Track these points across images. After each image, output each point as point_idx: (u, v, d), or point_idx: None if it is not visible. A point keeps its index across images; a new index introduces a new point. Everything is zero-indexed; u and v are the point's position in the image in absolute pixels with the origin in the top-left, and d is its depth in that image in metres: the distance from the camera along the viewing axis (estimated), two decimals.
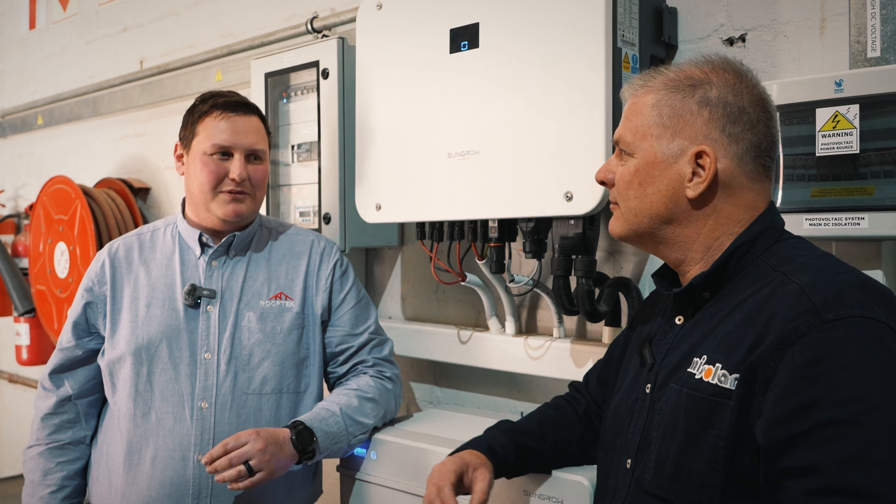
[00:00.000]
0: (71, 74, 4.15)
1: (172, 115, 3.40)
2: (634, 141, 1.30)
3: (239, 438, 1.74)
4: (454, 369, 2.45)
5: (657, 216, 1.29)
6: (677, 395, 1.23)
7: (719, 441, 1.15)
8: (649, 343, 1.37)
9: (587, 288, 1.82)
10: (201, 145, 1.92)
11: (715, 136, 1.24)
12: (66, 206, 3.52)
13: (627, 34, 1.77)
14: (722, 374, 1.17)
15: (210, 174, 1.91)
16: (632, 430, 1.33)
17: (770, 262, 1.23)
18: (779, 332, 1.10)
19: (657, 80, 1.30)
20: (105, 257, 2.02)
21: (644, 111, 1.30)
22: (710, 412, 1.17)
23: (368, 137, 2.18)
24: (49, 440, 1.99)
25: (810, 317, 1.09)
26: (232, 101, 1.95)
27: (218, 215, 1.93)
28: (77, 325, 2.00)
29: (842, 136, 1.52)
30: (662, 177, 1.27)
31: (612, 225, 1.37)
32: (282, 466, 1.79)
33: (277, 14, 3.00)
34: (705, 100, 1.25)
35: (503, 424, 1.60)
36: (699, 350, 1.23)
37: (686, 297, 1.31)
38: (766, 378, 1.10)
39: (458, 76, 1.97)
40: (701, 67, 1.29)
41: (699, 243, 1.29)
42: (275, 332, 1.96)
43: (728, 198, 1.26)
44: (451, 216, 2.01)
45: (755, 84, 1.28)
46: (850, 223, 1.51)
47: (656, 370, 1.32)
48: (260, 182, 1.97)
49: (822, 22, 1.74)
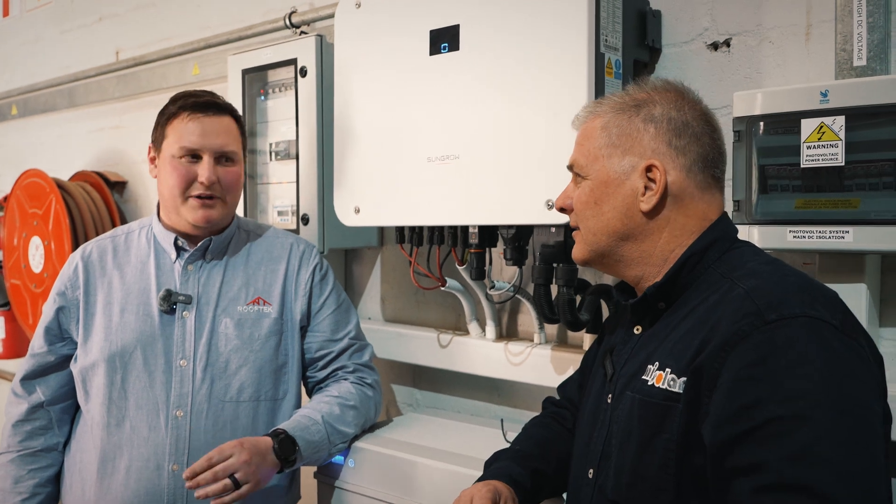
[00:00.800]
0: (46, 64, 4.07)
1: (149, 108, 3.33)
2: (587, 164, 1.35)
3: (223, 451, 1.71)
4: (434, 372, 2.42)
5: (615, 233, 1.32)
6: (631, 402, 1.27)
7: (670, 444, 1.18)
8: (610, 354, 1.40)
9: (568, 297, 1.80)
10: (170, 148, 1.88)
11: (662, 149, 1.29)
12: (41, 200, 3.46)
13: (611, 39, 1.74)
14: (671, 378, 1.20)
15: (179, 178, 1.86)
16: (595, 441, 1.36)
17: (720, 269, 1.26)
18: (723, 334, 1.13)
19: (604, 106, 1.36)
20: (78, 260, 1.98)
21: (594, 134, 1.34)
22: (662, 416, 1.20)
23: (347, 139, 2.14)
24: (20, 447, 1.95)
25: (753, 318, 1.11)
26: (201, 102, 1.90)
27: (188, 220, 1.89)
28: (49, 331, 1.96)
29: (827, 148, 1.50)
30: (617, 194, 1.31)
31: (574, 251, 1.41)
32: (265, 477, 1.77)
33: (255, 7, 2.94)
34: (650, 117, 1.30)
35: (505, 454, 1.57)
36: (653, 357, 1.26)
37: (641, 307, 1.34)
38: (711, 379, 1.13)
39: (438, 79, 1.93)
40: (644, 90, 1.35)
41: (656, 256, 1.32)
42: (252, 338, 1.92)
43: (680, 209, 1.29)
44: (431, 221, 1.98)
45: (697, 101, 1.34)
46: (835, 236, 1.49)
47: (616, 380, 1.35)
48: (231, 185, 1.92)
49: (808, 28, 1.71)
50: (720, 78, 1.83)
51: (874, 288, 1.58)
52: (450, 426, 2.18)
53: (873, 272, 1.58)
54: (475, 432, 2.11)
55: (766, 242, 1.56)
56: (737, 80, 1.81)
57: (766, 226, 1.57)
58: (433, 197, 1.95)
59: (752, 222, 1.59)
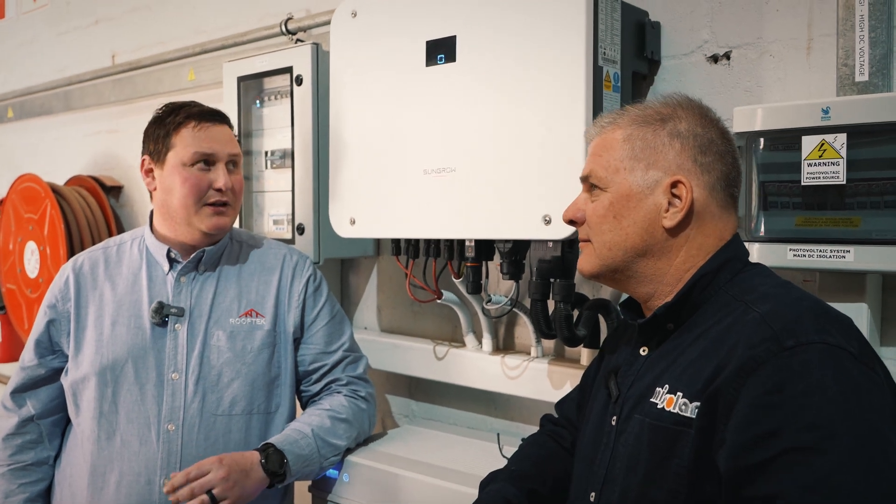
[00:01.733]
0: (42, 66, 4.04)
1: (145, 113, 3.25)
2: (607, 175, 1.30)
3: (202, 467, 1.70)
4: (430, 384, 2.40)
5: (632, 248, 1.29)
6: (640, 425, 1.24)
7: (681, 470, 1.15)
8: (615, 374, 1.37)
9: (565, 313, 1.78)
10: (179, 157, 1.85)
11: (688, 166, 1.26)
12: (36, 205, 3.43)
13: (609, 51, 1.71)
14: (683, 402, 1.17)
15: (192, 187, 1.84)
16: (598, 464, 1.33)
17: (732, 291, 1.23)
18: (739, 360, 1.10)
19: (625, 118, 1.32)
20: (69, 272, 1.96)
21: (615, 146, 1.30)
22: (672, 441, 1.17)
23: (342, 149, 2.12)
24: (11, 461, 1.93)
25: (770, 344, 1.09)
26: (206, 111, 1.91)
27: (201, 229, 1.87)
28: (39, 344, 1.94)
29: (828, 166, 1.47)
30: (638, 208, 1.28)
31: (582, 263, 1.37)
32: (249, 493, 1.75)
33: (251, 13, 2.92)
34: (675, 132, 1.27)
35: (500, 475, 1.55)
36: (662, 380, 1.23)
37: (650, 327, 1.31)
38: (727, 406, 1.10)
39: (434, 90, 1.90)
40: (666, 104, 1.32)
41: (670, 275, 1.29)
42: (245, 350, 1.90)
43: (700, 227, 1.27)
44: (427, 234, 1.96)
45: (718, 119, 1.32)
46: (836, 255, 1.47)
47: (621, 402, 1.31)
48: (240, 192, 1.94)
49: (809, 42, 1.69)
50: (720, 91, 1.80)
51: (875, 307, 1.56)
52: (445, 440, 2.16)
53: (874, 291, 1.56)
54: (471, 446, 2.09)
55: (765, 260, 1.53)
56: (737, 93, 1.78)
57: (766, 243, 1.55)
58: (429, 210, 1.92)
59: (751, 239, 1.56)
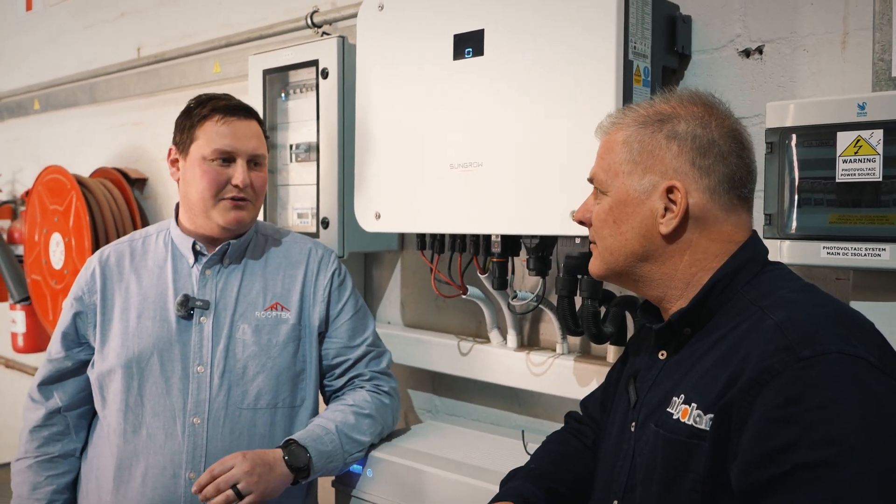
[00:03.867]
0: (68, 59, 4.06)
1: (170, 105, 3.32)
2: (607, 179, 1.29)
3: (225, 463, 1.71)
4: (454, 380, 2.39)
5: (633, 254, 1.27)
6: (654, 436, 1.22)
7: (696, 485, 1.13)
8: (634, 379, 1.35)
9: (593, 309, 1.76)
10: (201, 150, 1.85)
11: (685, 169, 1.23)
12: (62, 196, 3.45)
13: (639, 45, 1.69)
14: (697, 414, 1.15)
15: (211, 181, 1.84)
16: (619, 471, 1.31)
17: (750, 295, 1.20)
18: (753, 370, 1.08)
19: (628, 117, 1.30)
20: (95, 265, 1.96)
21: (615, 148, 1.29)
22: (687, 455, 1.15)
23: (368, 144, 2.11)
24: (38, 453, 1.95)
25: (785, 355, 1.06)
26: (233, 105, 1.90)
27: (219, 223, 1.87)
28: (66, 336, 1.95)
29: (864, 162, 1.44)
30: (636, 214, 1.26)
31: (591, 265, 1.36)
32: (273, 488, 1.75)
33: (277, 6, 2.91)
34: (673, 133, 1.24)
35: (519, 473, 1.53)
36: (678, 388, 1.21)
37: (667, 332, 1.29)
38: (740, 419, 1.08)
39: (462, 84, 1.89)
40: (670, 102, 1.28)
41: (677, 280, 1.26)
42: (270, 344, 1.90)
43: (703, 232, 1.24)
44: (452, 229, 1.95)
45: (726, 116, 1.27)
46: (871, 254, 1.44)
47: (639, 407, 1.30)
48: (261, 189, 1.92)
49: (845, 36, 1.66)
50: (752, 86, 1.78)
51: None
52: (469, 436, 2.15)
53: None
54: (495, 443, 2.08)
55: (798, 258, 1.51)
56: (769, 88, 1.75)
57: (799, 241, 1.52)
58: (455, 204, 1.91)
59: (783, 237, 1.54)
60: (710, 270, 1.24)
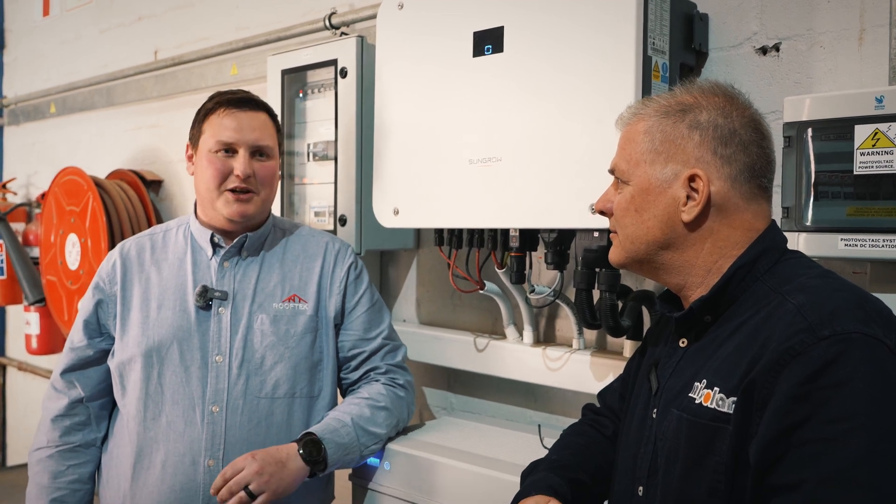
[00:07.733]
0: (85, 63, 4.11)
1: (186, 108, 3.35)
2: (629, 169, 1.31)
3: (235, 465, 1.73)
4: (469, 376, 2.40)
5: (654, 242, 1.29)
6: (678, 420, 1.24)
7: (719, 467, 1.15)
8: (655, 367, 1.37)
9: (611, 302, 1.78)
10: (207, 143, 1.89)
11: (707, 158, 1.25)
12: (78, 197, 3.48)
13: (658, 42, 1.71)
14: (720, 397, 1.16)
15: (215, 171, 1.87)
16: (641, 457, 1.33)
17: (770, 283, 1.22)
18: (774, 352, 1.10)
19: (649, 108, 1.32)
20: (117, 257, 1.99)
21: (637, 138, 1.30)
22: (710, 437, 1.17)
23: (387, 140, 2.13)
24: (60, 442, 1.96)
25: (805, 335, 1.08)
26: (237, 98, 1.92)
27: (223, 214, 1.90)
28: (88, 324, 1.97)
29: (882, 155, 1.46)
30: (658, 202, 1.28)
31: (611, 254, 1.38)
32: (288, 483, 1.76)
33: (294, 8, 2.94)
34: (695, 123, 1.26)
35: (541, 464, 1.54)
36: (700, 374, 1.23)
37: (688, 320, 1.31)
38: (762, 400, 1.10)
39: (481, 81, 1.91)
40: (691, 93, 1.30)
41: (698, 267, 1.28)
42: (288, 335, 1.92)
43: (724, 220, 1.26)
44: (471, 224, 1.97)
45: (747, 106, 1.29)
46: (889, 245, 1.45)
47: (661, 394, 1.32)
48: (266, 179, 1.93)
49: (861, 33, 1.68)
50: (769, 83, 1.80)
51: None
52: (485, 430, 2.16)
53: None
54: (512, 437, 2.09)
55: (815, 250, 1.53)
56: (786, 85, 1.77)
57: (816, 233, 1.54)
58: (474, 199, 1.93)
59: (801, 230, 1.55)
60: (731, 258, 1.26)
